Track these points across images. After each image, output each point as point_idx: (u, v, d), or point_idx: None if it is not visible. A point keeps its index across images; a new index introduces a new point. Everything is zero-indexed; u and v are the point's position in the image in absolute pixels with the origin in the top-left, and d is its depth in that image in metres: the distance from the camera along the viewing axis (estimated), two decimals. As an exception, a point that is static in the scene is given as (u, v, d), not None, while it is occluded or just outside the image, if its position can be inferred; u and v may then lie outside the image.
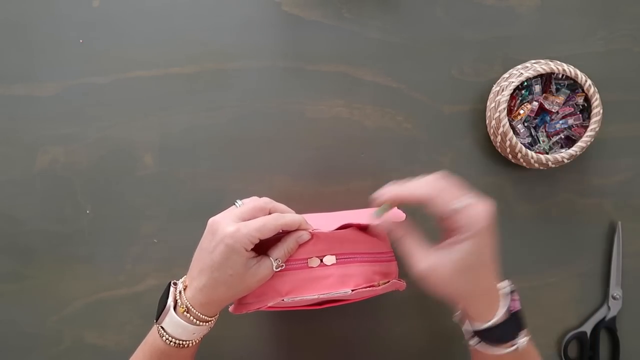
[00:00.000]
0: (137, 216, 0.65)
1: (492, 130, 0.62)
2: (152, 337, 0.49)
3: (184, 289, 0.47)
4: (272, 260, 0.46)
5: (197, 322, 0.47)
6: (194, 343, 0.49)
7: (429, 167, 0.65)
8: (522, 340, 0.43)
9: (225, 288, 0.45)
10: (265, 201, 0.48)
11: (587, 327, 0.65)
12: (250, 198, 0.50)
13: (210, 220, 0.47)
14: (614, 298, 0.64)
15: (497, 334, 0.43)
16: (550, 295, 0.65)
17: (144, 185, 0.65)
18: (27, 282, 0.65)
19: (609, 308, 0.65)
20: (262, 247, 0.47)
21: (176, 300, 0.47)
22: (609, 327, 0.65)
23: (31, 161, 0.65)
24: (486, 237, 0.40)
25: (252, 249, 0.46)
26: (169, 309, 0.46)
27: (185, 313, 0.46)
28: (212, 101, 0.65)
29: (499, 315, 0.42)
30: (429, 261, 0.41)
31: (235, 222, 0.45)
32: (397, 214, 0.50)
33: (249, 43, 0.65)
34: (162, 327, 0.47)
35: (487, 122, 0.63)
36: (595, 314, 0.65)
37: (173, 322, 0.47)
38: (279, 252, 0.47)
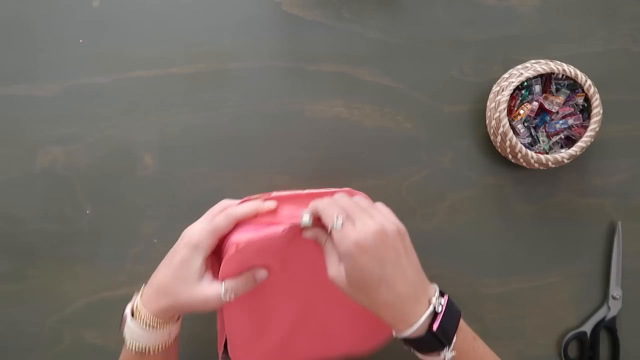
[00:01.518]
0: (138, 216, 0.65)
1: (492, 130, 0.62)
2: (124, 348, 0.50)
3: (142, 296, 0.49)
4: (223, 287, 0.47)
5: (150, 325, 0.47)
6: (158, 350, 0.48)
7: (429, 167, 0.65)
8: (450, 354, 0.43)
9: (174, 290, 0.46)
10: (221, 203, 0.51)
11: (587, 327, 0.65)
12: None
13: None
14: (614, 298, 0.64)
15: (415, 345, 0.44)
16: (550, 295, 0.65)
17: (144, 185, 0.65)
18: (27, 282, 0.65)
19: (609, 308, 0.65)
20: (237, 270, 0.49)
21: (134, 307, 0.48)
22: (609, 327, 0.65)
23: (31, 161, 0.65)
24: (358, 260, 0.42)
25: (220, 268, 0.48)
26: (126, 317, 0.48)
27: (140, 319, 0.47)
28: (212, 101, 0.65)
29: (412, 330, 0.43)
30: (334, 271, 0.45)
31: (200, 224, 0.49)
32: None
33: (249, 43, 0.65)
34: (124, 335, 0.48)
35: (487, 122, 0.63)
36: (595, 314, 0.65)
37: (131, 330, 0.47)
38: (234, 283, 0.47)
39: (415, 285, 0.44)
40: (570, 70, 0.59)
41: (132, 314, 0.48)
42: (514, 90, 0.60)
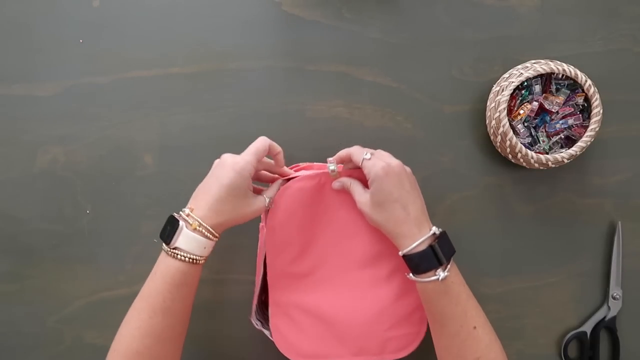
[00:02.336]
0: (137, 216, 0.65)
1: (492, 130, 0.62)
2: (163, 264, 0.53)
3: (191, 212, 0.53)
4: (266, 197, 0.56)
5: (209, 235, 0.52)
6: (203, 261, 0.53)
7: (429, 167, 0.65)
8: (443, 273, 0.51)
9: (229, 208, 0.53)
10: (262, 140, 0.57)
11: (587, 327, 0.65)
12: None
13: (218, 159, 0.55)
14: (614, 298, 0.64)
15: (414, 261, 0.52)
16: (550, 295, 0.65)
17: (144, 185, 0.65)
18: (27, 282, 0.65)
19: (609, 308, 0.65)
20: None
21: (187, 220, 0.52)
22: (609, 327, 0.65)
23: (31, 161, 0.65)
24: (383, 181, 0.52)
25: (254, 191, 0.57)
26: (182, 228, 0.52)
27: (197, 228, 0.52)
28: (212, 101, 0.65)
29: (414, 245, 0.52)
30: (361, 197, 0.55)
31: (241, 157, 0.55)
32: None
33: (249, 43, 0.65)
34: (175, 247, 0.52)
35: (487, 122, 0.63)
36: (595, 314, 0.65)
37: (187, 239, 0.52)
38: (271, 191, 0.57)
39: (421, 213, 0.54)
40: (570, 70, 0.59)
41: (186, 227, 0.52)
42: (514, 90, 0.60)
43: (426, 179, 0.65)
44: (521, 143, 0.59)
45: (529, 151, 0.59)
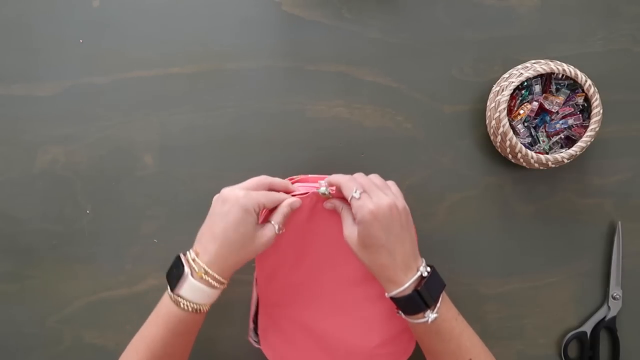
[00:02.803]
0: (137, 216, 0.65)
1: (492, 130, 0.62)
2: (166, 308, 0.51)
3: (197, 256, 0.50)
4: (274, 224, 0.52)
5: (215, 284, 0.50)
6: (207, 308, 0.52)
7: (429, 167, 0.65)
8: (433, 315, 0.50)
9: (238, 247, 0.50)
10: (264, 177, 0.54)
11: (587, 327, 0.65)
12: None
13: (217, 195, 0.52)
14: (614, 298, 0.64)
15: (401, 304, 0.51)
16: (550, 295, 0.65)
17: (144, 185, 0.65)
18: (27, 282, 0.65)
19: (609, 308, 0.65)
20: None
21: (192, 267, 0.50)
22: (609, 327, 0.65)
23: (31, 161, 0.65)
24: (370, 225, 0.49)
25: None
26: (187, 276, 0.49)
27: (204, 277, 0.49)
28: (212, 101, 0.65)
29: (399, 290, 0.50)
30: (348, 230, 0.52)
31: (244, 190, 0.51)
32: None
33: (249, 43, 0.65)
34: (179, 295, 0.49)
35: (487, 122, 0.63)
36: (595, 314, 0.65)
37: (192, 287, 0.49)
38: (278, 217, 0.53)
39: (409, 256, 0.51)
40: (570, 70, 0.59)
41: (192, 275, 0.50)
42: (514, 90, 0.60)
43: (426, 179, 0.65)
44: (521, 143, 0.59)
45: (529, 151, 0.59)
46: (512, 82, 0.59)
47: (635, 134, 0.65)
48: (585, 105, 0.61)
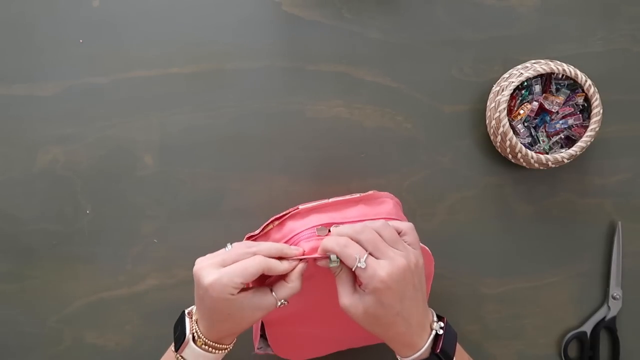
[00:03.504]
0: (137, 216, 0.65)
1: (492, 130, 0.62)
2: None
3: (197, 322, 0.48)
4: (275, 298, 0.46)
5: (216, 351, 0.48)
6: None
7: (429, 167, 0.65)
8: None
9: (230, 325, 0.46)
10: (247, 245, 0.47)
11: (587, 327, 0.65)
12: (239, 242, 0.48)
13: (195, 267, 0.46)
14: (614, 298, 0.64)
15: None
16: (550, 295, 0.65)
17: (144, 185, 0.65)
18: (27, 282, 0.65)
19: (609, 308, 0.65)
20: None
21: (193, 333, 0.48)
22: (609, 327, 0.65)
23: (31, 161, 0.65)
24: (383, 295, 0.43)
25: (253, 282, 0.46)
26: (188, 341, 0.47)
27: (204, 345, 0.47)
28: (212, 101, 0.65)
29: (418, 354, 0.45)
30: (348, 300, 0.45)
31: (216, 270, 0.44)
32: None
33: (249, 43, 0.65)
34: (182, 357, 0.48)
35: (487, 122, 0.63)
36: (595, 314, 0.65)
37: (194, 353, 0.48)
38: (284, 292, 0.46)
39: (423, 316, 0.46)
40: (570, 70, 0.59)
41: (194, 340, 0.48)
42: (514, 90, 0.60)
43: (426, 179, 0.65)
44: (521, 143, 0.59)
45: (529, 151, 0.59)
46: (512, 82, 0.59)
47: (635, 134, 0.65)
48: (585, 105, 0.61)
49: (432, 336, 0.45)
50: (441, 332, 0.46)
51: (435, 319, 0.47)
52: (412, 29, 0.65)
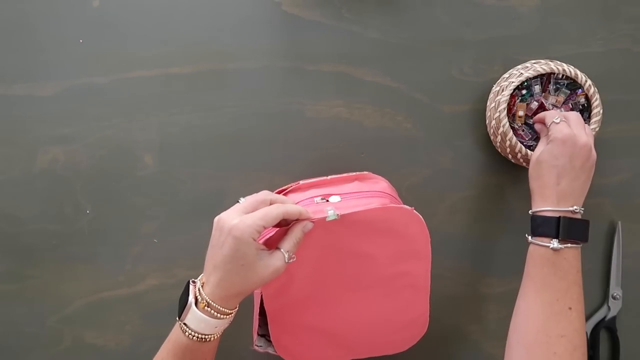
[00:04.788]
0: (137, 216, 0.65)
1: (492, 130, 0.62)
2: (175, 335, 0.50)
3: (202, 286, 0.49)
4: (284, 252, 0.49)
5: (219, 315, 0.48)
6: (216, 337, 0.50)
7: (429, 167, 0.65)
8: (556, 245, 0.51)
9: (240, 279, 0.47)
10: (265, 194, 0.51)
11: (587, 327, 0.65)
12: (251, 195, 0.51)
13: (216, 218, 0.48)
14: (614, 298, 0.64)
15: (535, 222, 0.53)
16: (550, 295, 0.65)
17: (144, 185, 0.65)
18: (27, 282, 0.65)
19: (609, 308, 0.65)
20: (274, 244, 0.50)
21: (197, 297, 0.48)
22: (609, 327, 0.65)
23: (31, 161, 0.65)
24: (557, 146, 0.53)
25: (265, 245, 0.49)
26: (190, 306, 0.48)
27: (206, 308, 0.48)
28: (212, 101, 0.65)
29: (542, 209, 0.53)
30: (538, 150, 0.56)
31: (239, 216, 0.47)
32: None
33: (249, 43, 0.65)
34: (184, 324, 0.48)
35: (487, 122, 0.63)
36: (595, 314, 0.65)
37: (196, 318, 0.48)
38: (288, 244, 0.49)
39: (574, 192, 0.53)
40: (570, 70, 0.59)
41: (196, 304, 0.48)
42: (514, 90, 0.60)
43: (426, 179, 0.65)
44: (521, 143, 0.59)
45: (529, 151, 0.59)
46: (512, 82, 0.59)
47: (635, 134, 0.65)
48: (585, 105, 0.61)
49: (567, 208, 0.52)
50: (577, 213, 0.52)
51: (581, 210, 0.53)
52: (412, 29, 0.65)
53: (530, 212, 0.54)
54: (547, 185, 0.53)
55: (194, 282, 0.50)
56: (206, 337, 0.49)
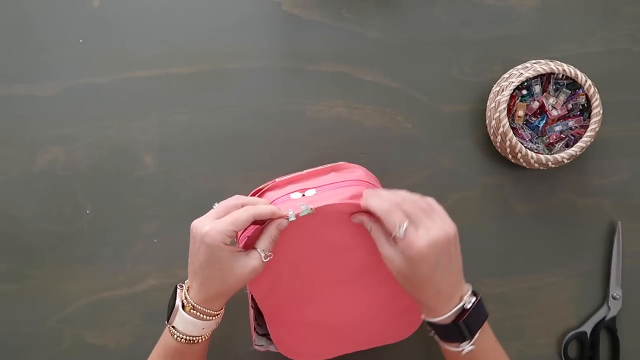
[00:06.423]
0: (137, 216, 0.65)
1: (492, 130, 0.62)
2: (165, 338, 0.51)
3: (187, 290, 0.50)
4: (260, 251, 0.49)
5: (205, 317, 0.50)
6: (205, 338, 0.51)
7: (429, 167, 0.65)
8: (468, 347, 0.47)
9: (219, 282, 0.48)
10: (236, 198, 0.51)
11: (587, 327, 0.65)
12: (225, 200, 0.51)
13: (191, 224, 0.49)
14: (614, 298, 0.64)
15: (439, 332, 0.49)
16: (550, 295, 0.65)
17: (144, 185, 0.65)
18: (27, 282, 0.65)
19: (609, 308, 0.65)
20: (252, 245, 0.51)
21: (183, 301, 0.50)
22: (609, 327, 0.65)
23: (31, 161, 0.65)
24: (418, 265, 0.45)
25: (246, 243, 0.50)
26: (177, 309, 0.49)
27: (192, 310, 0.49)
28: (212, 101, 0.65)
29: (440, 319, 0.47)
30: (387, 251, 0.48)
31: (211, 222, 0.48)
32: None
33: (249, 43, 0.65)
34: (173, 327, 0.50)
35: (487, 122, 0.63)
36: (595, 314, 0.65)
37: (183, 320, 0.49)
38: (264, 242, 0.50)
39: (454, 286, 0.48)
40: (570, 70, 0.59)
41: (183, 307, 0.50)
42: (514, 90, 0.60)
43: (426, 179, 0.65)
44: (521, 143, 0.59)
45: (529, 151, 0.59)
46: (512, 82, 0.59)
47: (635, 134, 0.65)
48: (586, 105, 0.61)
49: (457, 307, 0.47)
50: (469, 306, 0.47)
51: (469, 293, 0.48)
52: (412, 29, 0.65)
53: (422, 317, 0.49)
54: (428, 299, 0.47)
55: (181, 286, 0.51)
56: (194, 338, 0.50)
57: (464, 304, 0.47)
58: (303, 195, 0.53)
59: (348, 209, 0.51)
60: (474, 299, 0.48)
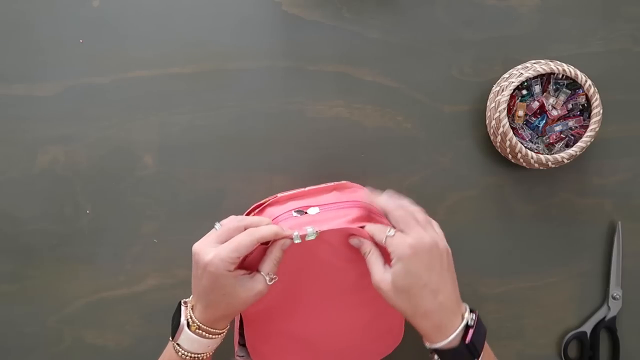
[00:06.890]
0: (137, 216, 0.65)
1: (492, 130, 0.62)
2: (169, 353, 0.51)
3: (192, 308, 0.50)
4: (264, 275, 0.49)
5: (211, 336, 0.49)
6: (209, 355, 0.51)
7: (429, 167, 0.65)
8: None
9: (225, 305, 0.48)
10: (238, 220, 0.49)
11: (587, 327, 0.65)
12: (228, 218, 0.50)
13: (193, 248, 0.48)
14: (614, 298, 0.64)
15: (447, 357, 0.46)
16: (550, 295, 0.65)
17: (144, 185, 0.65)
18: (27, 282, 0.65)
19: (609, 308, 0.65)
20: (256, 263, 0.50)
21: (188, 320, 0.49)
22: (609, 327, 0.65)
23: (31, 161, 0.65)
24: (410, 262, 0.44)
25: (245, 267, 0.49)
26: (183, 327, 0.49)
27: (197, 330, 0.49)
28: (212, 101, 0.65)
29: (447, 341, 0.45)
30: (379, 276, 0.47)
31: (214, 247, 0.47)
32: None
33: (249, 43, 0.65)
34: (178, 344, 0.49)
35: (487, 122, 0.63)
36: (595, 314, 0.65)
37: (188, 339, 0.49)
38: (268, 265, 0.49)
39: (453, 299, 0.46)
40: (570, 70, 0.59)
41: (189, 326, 0.49)
42: (514, 90, 0.60)
43: (426, 179, 0.65)
44: (521, 143, 0.59)
45: (529, 151, 0.59)
46: (512, 82, 0.59)
47: (635, 134, 0.65)
48: (586, 105, 0.61)
49: (463, 324, 0.45)
50: (472, 323, 0.45)
51: (467, 309, 0.47)
52: (412, 29, 0.65)
53: (427, 346, 0.46)
54: (429, 312, 0.45)
55: (185, 303, 0.51)
56: (199, 355, 0.50)
57: (467, 321, 0.45)
58: (305, 212, 0.51)
59: (352, 233, 0.50)
60: (473, 315, 0.46)
